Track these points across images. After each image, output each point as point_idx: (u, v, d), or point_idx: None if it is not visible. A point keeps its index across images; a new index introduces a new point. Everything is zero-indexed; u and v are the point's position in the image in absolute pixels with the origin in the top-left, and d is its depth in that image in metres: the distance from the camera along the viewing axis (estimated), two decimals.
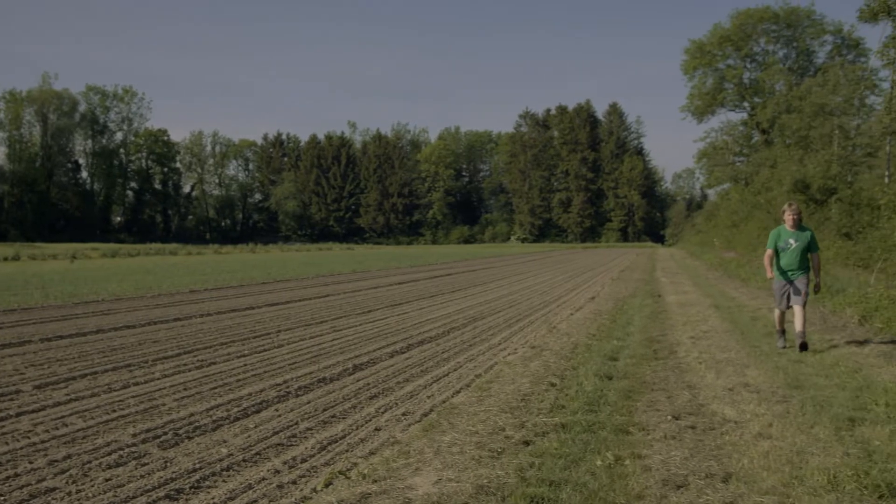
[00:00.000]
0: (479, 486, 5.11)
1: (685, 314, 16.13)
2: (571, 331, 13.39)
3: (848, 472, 5.15)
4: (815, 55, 71.97)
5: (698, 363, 10.03)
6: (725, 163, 71.54)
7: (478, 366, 10.18)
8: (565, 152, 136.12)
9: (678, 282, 27.77)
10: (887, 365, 9.59)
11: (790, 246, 11.44)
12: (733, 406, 7.46)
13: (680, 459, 5.73)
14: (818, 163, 35.27)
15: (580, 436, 6.32)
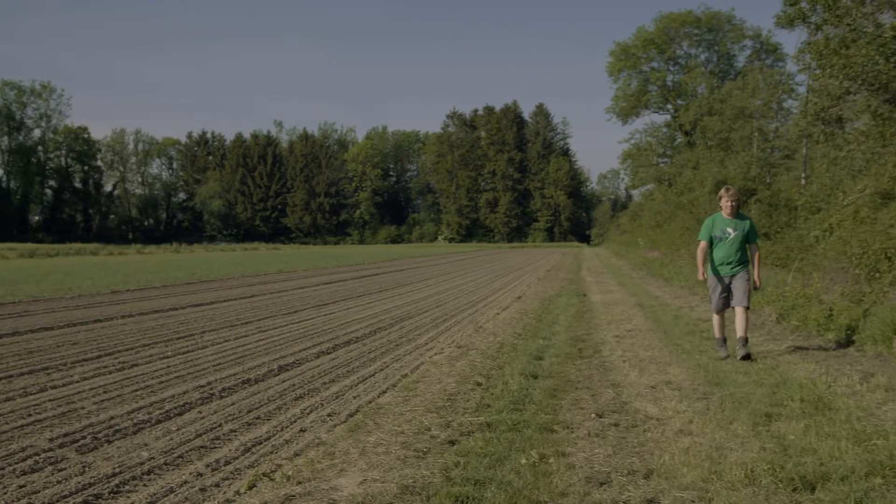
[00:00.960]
0: (404, 487, 5.09)
1: (610, 313, 16.34)
2: (498, 330, 13.46)
3: (764, 466, 5.26)
4: (736, 59, 73.70)
5: (622, 361, 10.15)
6: (649, 164, 72.67)
7: (404, 366, 10.17)
8: (492, 153, 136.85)
9: (603, 281, 28.13)
10: (802, 362, 9.83)
11: (728, 236, 10.38)
12: (656, 403, 7.56)
13: (603, 457, 5.79)
14: (738, 164, 36.00)
15: (505, 434, 6.35)
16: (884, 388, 7.88)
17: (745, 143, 39.91)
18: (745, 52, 72.77)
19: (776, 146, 38.94)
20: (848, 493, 4.80)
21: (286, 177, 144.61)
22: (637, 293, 21.92)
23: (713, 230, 10.53)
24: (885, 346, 10.07)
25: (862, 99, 20.21)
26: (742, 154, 38.21)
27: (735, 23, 72.41)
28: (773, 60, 67.08)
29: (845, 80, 18.64)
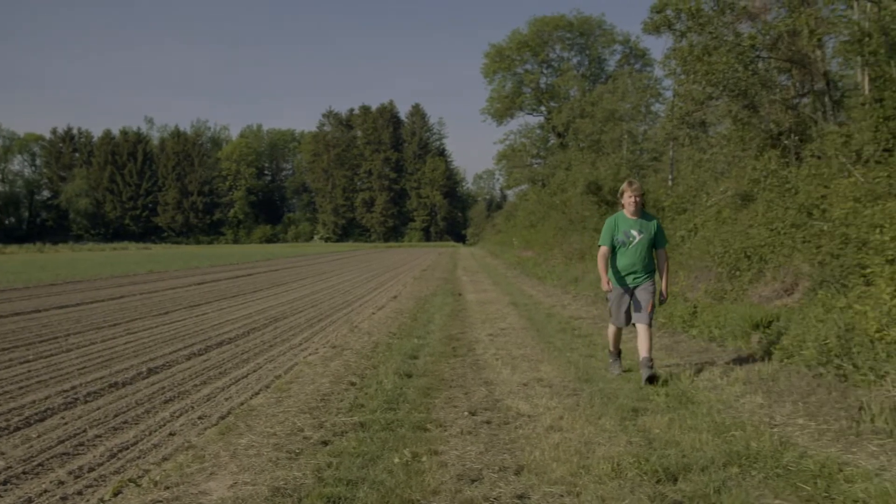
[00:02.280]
0: (275, 489, 5.04)
1: (484, 312, 16.52)
2: (373, 330, 13.45)
3: (630, 459, 5.42)
4: (606, 63, 75.58)
5: (495, 359, 10.28)
6: (523, 164, 73.78)
7: (278, 367, 10.05)
8: (369, 152, 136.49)
9: (478, 280, 28.41)
10: (668, 357, 10.17)
11: (632, 239, 8.87)
12: (527, 400, 7.70)
13: (475, 454, 5.86)
14: (609, 166, 36.89)
15: (378, 434, 6.36)
16: (742, 382, 8.21)
17: (615, 144, 40.94)
18: (615, 57, 74.77)
19: (645, 148, 40.10)
20: (707, 483, 5.00)
21: (157, 175, 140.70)
22: (511, 292, 22.22)
23: (616, 233, 9.00)
24: (743, 341, 10.49)
25: (723, 104, 21.02)
26: (612, 156, 39.17)
27: (606, 28, 74.27)
28: (642, 65, 69.15)
29: (708, 86, 19.35)
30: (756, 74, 19.31)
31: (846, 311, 9.17)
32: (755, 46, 18.98)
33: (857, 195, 13.06)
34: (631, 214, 9.00)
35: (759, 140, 19.71)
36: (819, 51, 19.13)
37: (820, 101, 19.60)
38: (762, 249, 14.30)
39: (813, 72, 19.41)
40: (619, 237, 8.96)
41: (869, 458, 5.49)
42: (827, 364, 8.18)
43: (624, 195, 9.07)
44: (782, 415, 6.87)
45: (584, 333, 12.79)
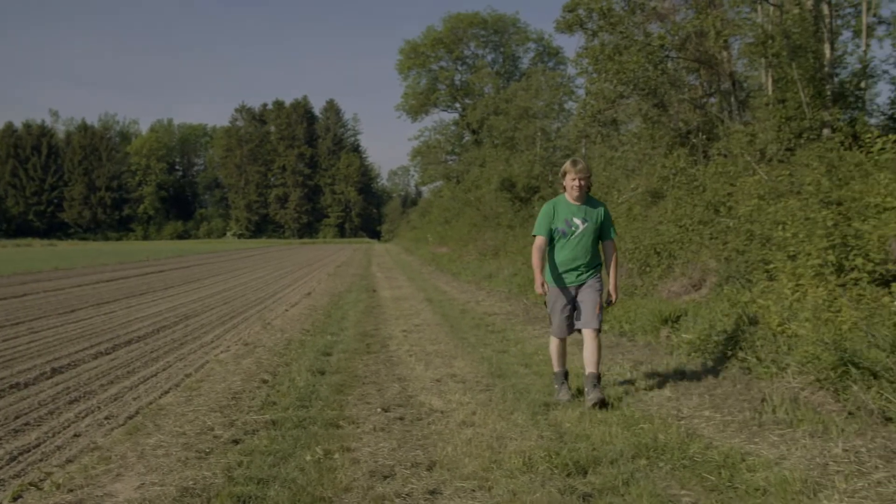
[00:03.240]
0: (184, 489, 4.96)
1: (399, 308, 16.51)
2: (286, 327, 13.33)
3: (541, 453, 5.47)
4: (520, 61, 76.28)
5: (409, 356, 10.29)
6: (438, 161, 73.98)
7: (188, 365, 9.89)
8: (282, 148, 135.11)
9: (393, 277, 28.40)
10: (579, 353, 10.22)
11: (574, 229, 7.52)
12: (440, 396, 7.72)
13: (388, 450, 5.86)
14: (523, 163, 37.27)
15: (290, 432, 6.30)
16: (651, 376, 8.39)
17: (528, 142, 41.31)
18: (528, 55, 75.54)
19: (558, 145, 40.53)
20: (616, 475, 5.08)
21: (63, 169, 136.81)
22: (426, 288, 22.27)
23: (554, 221, 7.59)
24: (653, 335, 10.70)
25: (634, 103, 21.40)
26: (526, 153, 39.54)
27: (520, 26, 75.02)
28: (555, 63, 69.97)
29: (619, 85, 19.68)
30: (665, 74, 19.71)
31: (750, 305, 9.42)
32: (664, 46, 19.36)
33: (761, 193, 13.42)
34: (574, 200, 7.56)
35: (669, 138, 20.11)
36: (725, 52, 19.62)
37: (726, 101, 20.11)
38: (671, 246, 14.59)
39: (720, 72, 19.90)
40: (559, 226, 7.53)
41: (770, 447, 5.64)
42: (732, 357, 8.40)
43: (566, 177, 7.57)
44: (689, 407, 7.03)
45: (497, 329, 12.88)
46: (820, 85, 17.62)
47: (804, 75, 17.09)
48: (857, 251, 9.11)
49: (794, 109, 16.92)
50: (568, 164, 7.61)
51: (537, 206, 31.62)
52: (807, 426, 6.01)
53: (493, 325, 13.48)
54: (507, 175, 36.44)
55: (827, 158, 13.74)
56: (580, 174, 7.52)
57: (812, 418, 6.15)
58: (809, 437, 5.72)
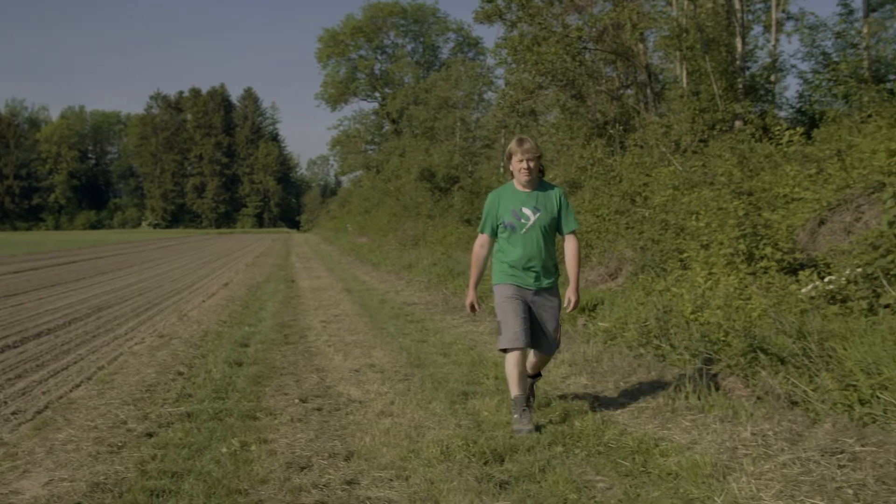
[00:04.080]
0: (94, 484, 4.84)
1: (318, 298, 16.41)
2: (202, 318, 13.13)
3: (459, 442, 5.50)
4: (440, 51, 76.56)
5: (328, 346, 10.24)
6: (358, 151, 73.81)
7: (101, 357, 9.66)
8: (199, 136, 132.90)
9: (312, 267, 28.21)
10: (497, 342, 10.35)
11: (524, 222, 6.21)
12: (359, 386, 7.70)
13: (305, 441, 5.82)
14: (442, 153, 37.39)
15: (206, 424, 6.21)
16: (567, 364, 8.48)
17: (448, 132, 41.46)
18: (448, 45, 75.85)
19: (477, 136, 40.76)
20: (533, 463, 5.12)
21: None
22: (345, 278, 22.17)
23: (499, 213, 6.32)
24: (570, 324, 10.82)
25: (552, 93, 21.61)
26: (446, 143, 39.66)
27: (440, 16, 75.32)
28: (475, 54, 70.35)
29: (537, 76, 19.86)
30: (583, 65, 19.95)
31: (665, 293, 9.61)
32: (582, 38, 19.60)
33: (675, 183, 13.67)
34: (523, 186, 6.27)
35: (586, 129, 20.37)
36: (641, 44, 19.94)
37: (642, 93, 20.44)
38: (588, 235, 14.77)
39: (636, 64, 20.21)
40: (506, 219, 6.22)
41: (682, 432, 5.76)
42: (647, 345, 8.55)
43: (512, 159, 6.26)
44: (604, 394, 7.14)
45: (416, 319, 12.89)
46: (732, 78, 18.04)
47: (717, 68, 17.47)
48: (766, 240, 9.35)
49: (707, 101, 17.29)
50: (513, 144, 6.24)
51: (457, 197, 31.76)
52: (717, 411, 6.15)
53: (412, 314, 13.48)
54: (427, 165, 36.49)
55: (738, 150, 14.07)
56: (528, 154, 6.14)
57: (723, 404, 6.30)
58: (720, 422, 5.86)
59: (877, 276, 7.54)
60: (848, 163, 10.63)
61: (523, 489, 4.71)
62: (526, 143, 6.20)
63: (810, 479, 4.65)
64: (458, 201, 30.91)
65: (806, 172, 11.40)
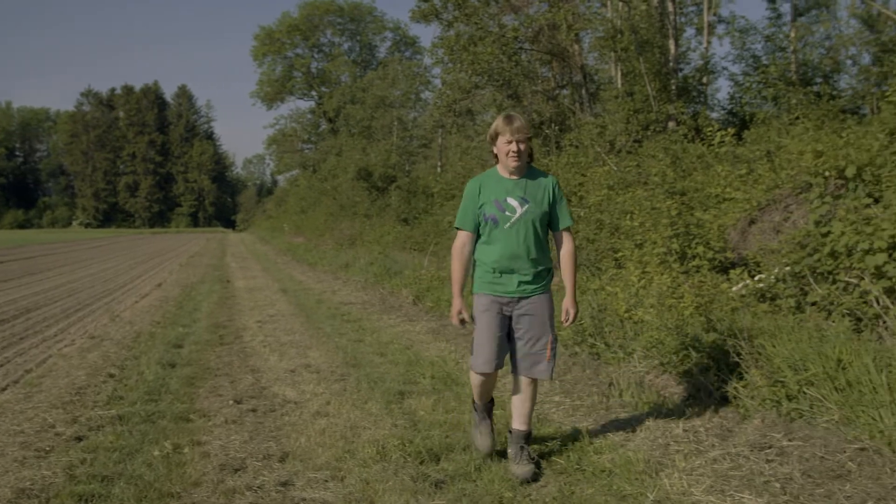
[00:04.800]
0: (20, 490, 4.73)
1: (253, 299, 16.25)
2: (135, 319, 12.92)
3: (395, 441, 5.49)
4: (377, 50, 76.36)
5: (263, 346, 10.14)
6: (294, 150, 73.40)
7: (29, 360, 9.44)
8: (132, 134, 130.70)
9: (248, 267, 27.93)
10: (434, 341, 10.37)
11: (511, 214, 5.17)
12: (294, 387, 7.64)
13: (239, 443, 5.76)
14: (380, 152, 37.31)
15: (138, 427, 6.11)
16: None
17: (385, 131, 41.41)
18: (386, 44, 75.70)
19: (415, 135, 40.78)
20: (469, 462, 5.14)
21: None
22: (281, 278, 21.99)
23: (481, 206, 5.24)
24: None
25: (489, 93, 21.69)
26: (383, 142, 39.60)
27: (376, 15, 75.04)
28: (412, 53, 70.28)
29: (474, 75, 19.92)
30: (519, 65, 20.06)
31: (600, 292, 9.70)
32: (518, 38, 19.70)
33: (610, 183, 13.82)
34: (509, 173, 5.22)
35: None
36: (577, 45, 20.11)
37: (578, 93, 20.62)
38: None
39: (571, 65, 20.38)
40: (488, 211, 5.17)
41: (616, 430, 5.83)
42: (582, 343, 8.62)
43: (497, 140, 5.20)
44: (541, 393, 7.16)
45: (353, 318, 12.84)
46: (665, 79, 18.31)
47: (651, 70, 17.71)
48: (698, 240, 9.51)
49: (641, 102, 17.51)
50: (500, 122, 5.19)
51: (394, 196, 31.69)
52: (651, 408, 6.24)
53: (349, 314, 13.42)
54: (364, 164, 36.40)
55: (672, 150, 14.29)
56: (518, 134, 5.09)
57: (656, 401, 6.39)
58: (653, 419, 5.93)
59: (804, 275, 7.72)
60: (777, 163, 10.86)
61: (459, 488, 4.72)
62: (516, 120, 5.14)
63: (739, 474, 4.75)
64: (396, 200, 30.88)
65: (737, 173, 11.62)
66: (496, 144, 5.23)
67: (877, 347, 5.86)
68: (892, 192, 7.68)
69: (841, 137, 9.98)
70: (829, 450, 4.93)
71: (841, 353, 5.72)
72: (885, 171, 8.27)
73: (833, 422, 5.31)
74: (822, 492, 4.45)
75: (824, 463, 4.79)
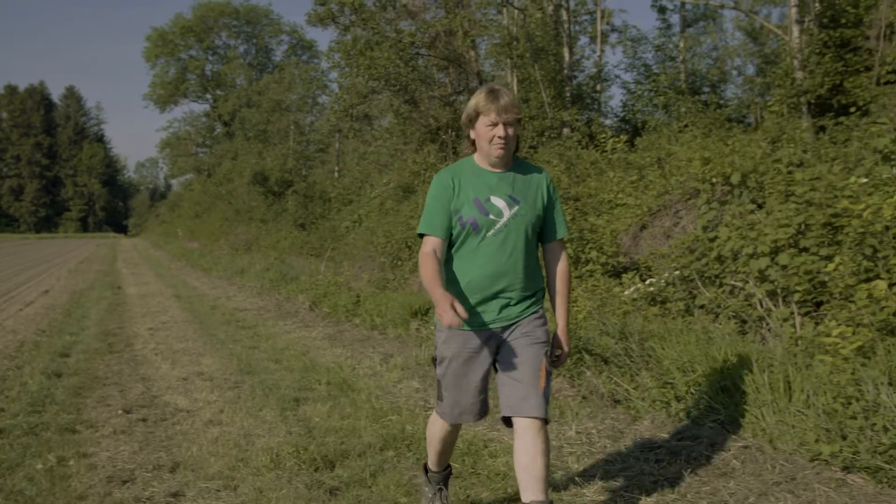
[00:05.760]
0: None
1: (145, 305, 15.88)
2: (19, 328, 12.46)
3: (289, 449, 5.42)
4: (274, 53, 75.55)
5: (155, 354, 9.91)
6: (189, 153, 72.21)
7: None
8: (16, 136, 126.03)
9: (140, 273, 27.29)
10: (331, 347, 10.30)
11: (497, 218, 3.89)
12: (187, 395, 7.48)
13: (128, 454, 5.60)
14: (276, 156, 36.97)
15: (20, 440, 5.89)
16: (400, 368, 8.50)
17: (282, 135, 41.07)
18: (282, 47, 74.90)
19: (312, 140, 40.53)
20: (364, 468, 5.11)
21: None
22: (175, 284, 21.54)
23: (455, 204, 3.94)
24: (403, 328, 10.87)
25: (386, 98, 21.71)
26: (279, 146, 39.26)
27: (273, 17, 74.14)
28: (309, 57, 69.66)
29: (371, 80, 19.92)
30: (416, 71, 20.13)
31: None
32: (415, 44, 19.78)
33: None
34: (491, 164, 3.96)
35: (420, 134, 20.56)
36: (473, 51, 20.29)
37: None
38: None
39: (468, 71, 20.55)
40: (466, 214, 3.89)
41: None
42: None
43: (478, 121, 3.89)
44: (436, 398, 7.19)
45: (248, 325, 12.66)
46: (560, 86, 18.61)
47: (546, 77, 17.98)
48: (592, 244, 9.68)
49: (536, 109, 17.77)
50: (481, 98, 3.86)
51: (291, 201, 31.45)
52: None
53: (244, 320, 13.22)
54: (260, 168, 36.02)
55: (566, 156, 14.52)
56: (506, 114, 3.80)
57: (550, 403, 6.46)
58: None
59: (693, 279, 7.93)
60: (667, 170, 11.15)
61: (354, 495, 4.69)
62: (502, 96, 3.82)
63: (630, 475, 4.85)
64: (292, 205, 30.62)
65: (629, 179, 11.89)
66: (474, 127, 3.93)
67: (759, 349, 6.08)
68: (773, 199, 7.96)
69: (727, 145, 10.32)
70: (715, 449, 5.09)
71: (726, 354, 5.90)
72: (768, 178, 8.57)
73: (719, 421, 5.48)
74: (709, 489, 4.58)
75: (710, 461, 4.93)
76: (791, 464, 4.76)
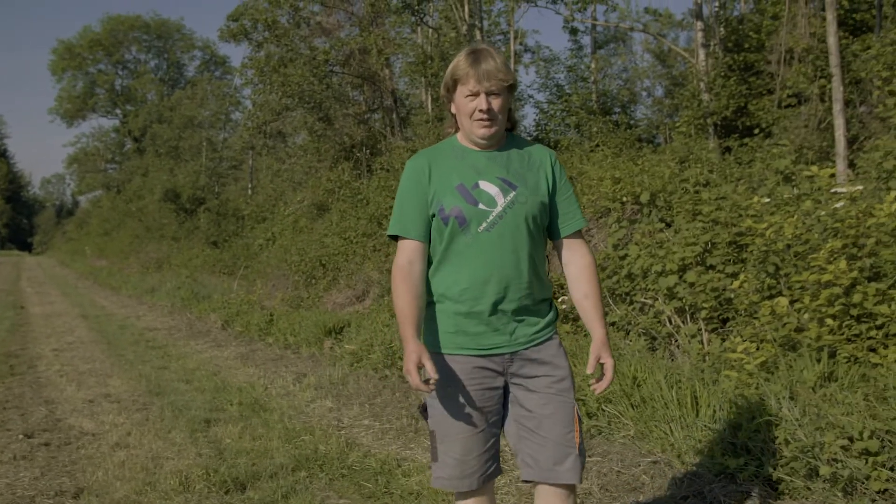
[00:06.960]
0: None
1: (50, 325, 15.44)
2: None
3: (199, 471, 5.31)
4: (186, 68, 74.43)
5: (59, 376, 9.63)
6: (97, 169, 70.72)
7: None
8: None
9: (45, 292, 26.53)
10: (243, 366, 10.15)
11: (489, 208, 3.00)
12: (93, 418, 7.28)
13: (29, 480, 5.43)
14: (188, 173, 36.44)
15: None
16: (313, 387, 8.43)
17: (194, 151, 40.52)
18: (195, 63, 73.83)
19: (225, 156, 40.06)
20: (276, 489, 5.03)
21: None
22: (82, 303, 21.01)
23: (434, 194, 3.06)
24: (317, 347, 10.78)
25: (300, 115, 21.60)
26: (191, 163, 38.73)
27: (185, 32, 73.06)
28: (222, 73, 68.84)
29: (284, 97, 19.80)
30: (330, 88, 20.09)
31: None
32: (329, 61, 19.72)
33: None
34: (476, 143, 3.15)
35: (334, 152, 20.51)
36: (387, 69, 20.32)
37: (389, 117, 20.82)
38: (336, 258, 14.83)
39: (382, 89, 20.57)
40: (449, 205, 3.04)
41: (424, 452, 5.86)
42: (391, 366, 8.65)
43: (457, 91, 3.09)
44: (350, 417, 7.14)
45: (158, 345, 12.40)
46: None
47: None
48: None
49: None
50: (461, 61, 3.06)
51: (203, 218, 31.06)
52: None
53: (154, 340, 12.96)
54: (172, 185, 35.45)
55: None
56: (490, 81, 2.99)
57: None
58: None
59: (604, 296, 8.03)
60: (579, 189, 11.30)
61: None
62: (485, 58, 3.01)
63: None
64: (205, 223, 30.21)
65: None
66: (454, 98, 3.15)
67: (668, 365, 6.20)
68: (681, 218, 8.14)
69: (637, 165, 10.53)
70: (626, 464, 5.16)
71: (636, 370, 6.00)
72: (676, 197, 8.77)
73: (629, 437, 5.56)
74: None
75: (620, 477, 5.00)
76: (698, 478, 4.85)
